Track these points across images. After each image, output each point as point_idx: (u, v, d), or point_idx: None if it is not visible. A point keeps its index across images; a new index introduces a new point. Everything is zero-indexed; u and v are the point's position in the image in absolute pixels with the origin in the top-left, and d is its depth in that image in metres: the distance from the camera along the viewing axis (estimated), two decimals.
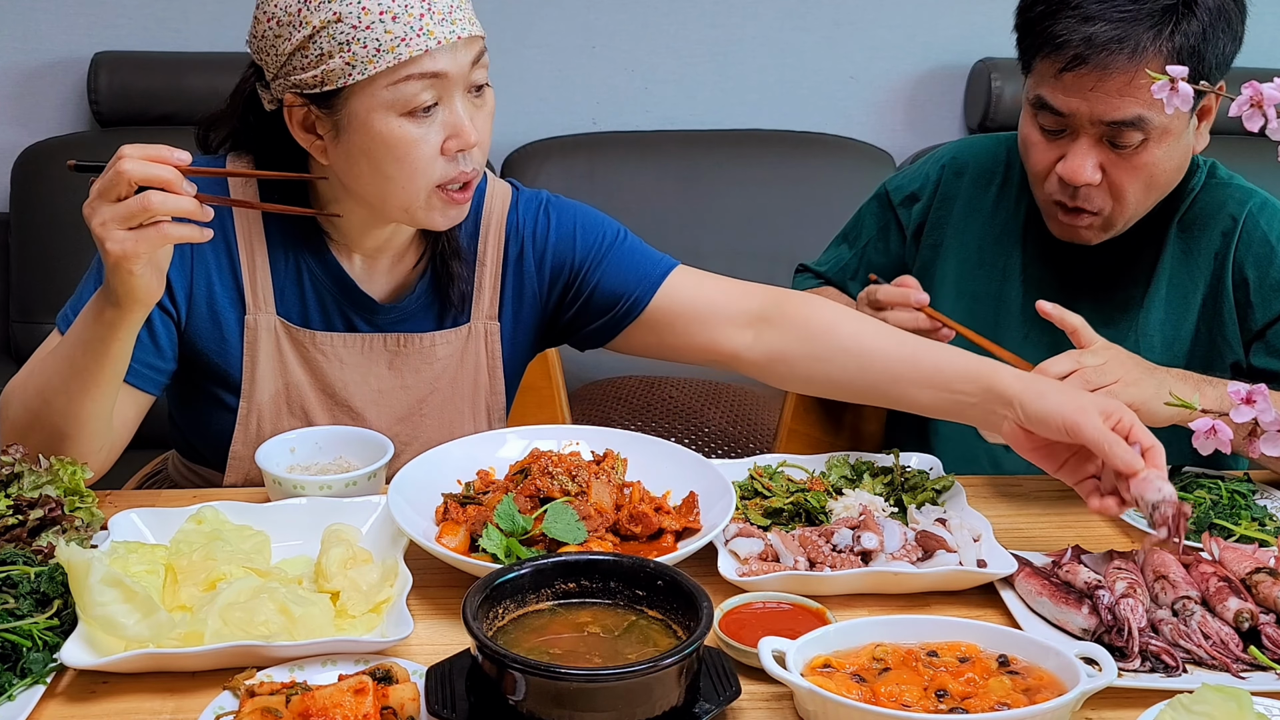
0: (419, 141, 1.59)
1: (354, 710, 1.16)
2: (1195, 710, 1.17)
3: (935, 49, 3.65)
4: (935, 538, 1.52)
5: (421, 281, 1.81)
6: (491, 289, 1.83)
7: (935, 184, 2.10)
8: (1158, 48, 1.72)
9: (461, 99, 1.61)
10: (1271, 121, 1.24)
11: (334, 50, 1.55)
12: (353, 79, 1.56)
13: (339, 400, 1.80)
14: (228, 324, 1.75)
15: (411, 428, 1.83)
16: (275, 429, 1.77)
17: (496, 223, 1.83)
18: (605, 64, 3.56)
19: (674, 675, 1.18)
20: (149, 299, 1.53)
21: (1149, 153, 1.79)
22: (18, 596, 1.35)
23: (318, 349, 1.78)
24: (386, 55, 1.55)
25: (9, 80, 3.41)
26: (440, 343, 1.82)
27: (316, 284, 1.77)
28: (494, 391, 1.87)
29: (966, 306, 2.04)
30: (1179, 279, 1.94)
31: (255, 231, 1.75)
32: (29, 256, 3.28)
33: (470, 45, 1.60)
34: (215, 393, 1.78)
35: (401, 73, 1.56)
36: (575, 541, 1.49)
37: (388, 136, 1.59)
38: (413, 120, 1.59)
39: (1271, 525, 1.65)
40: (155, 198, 1.44)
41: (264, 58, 1.63)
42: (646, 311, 1.81)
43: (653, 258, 1.85)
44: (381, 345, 1.80)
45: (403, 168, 1.60)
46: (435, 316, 1.82)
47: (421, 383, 1.82)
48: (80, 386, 1.59)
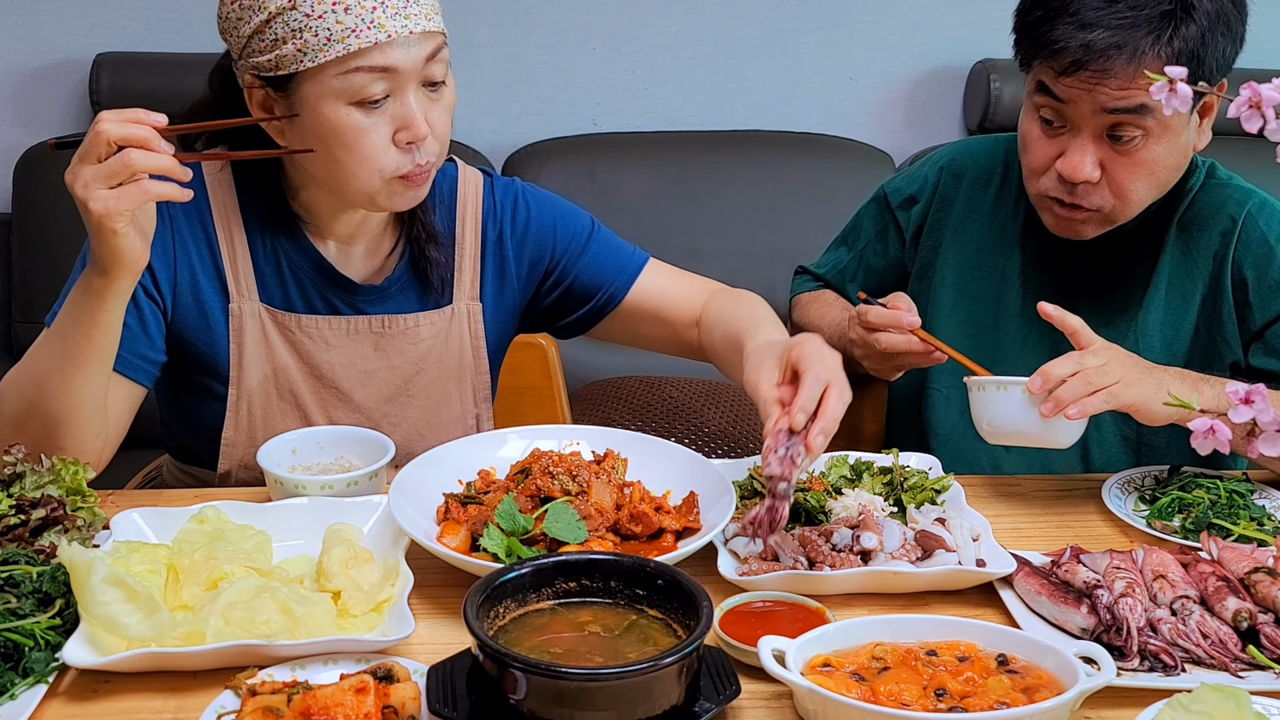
0: (367, 131, 1.62)
1: (355, 709, 1.16)
2: (1194, 710, 1.17)
3: (935, 49, 3.65)
4: (935, 537, 1.52)
5: (400, 265, 1.84)
6: (472, 271, 1.87)
7: (934, 186, 2.10)
8: (1156, 53, 1.72)
9: (415, 93, 1.64)
10: (1270, 123, 1.24)
11: (288, 36, 1.59)
12: (304, 65, 1.59)
13: (326, 382, 1.82)
14: (213, 313, 1.77)
15: (399, 408, 1.86)
16: (265, 414, 1.80)
17: (473, 207, 1.88)
18: (605, 64, 3.57)
19: (674, 674, 1.18)
20: (134, 264, 1.54)
21: (1149, 149, 1.79)
22: (20, 596, 1.35)
23: (303, 332, 1.80)
24: (336, 45, 1.58)
25: (11, 81, 3.42)
26: (424, 323, 1.85)
27: (295, 269, 1.80)
28: (479, 371, 1.90)
29: (966, 308, 2.04)
30: (1178, 279, 1.94)
31: (234, 221, 1.78)
32: (30, 256, 3.28)
33: (426, 41, 1.64)
34: (204, 383, 1.80)
35: (351, 64, 1.59)
36: (576, 541, 1.49)
37: (337, 124, 1.62)
38: (362, 110, 1.62)
39: (1270, 525, 1.65)
40: (134, 154, 1.47)
41: (228, 38, 1.67)
42: (623, 304, 1.91)
43: (626, 250, 1.93)
44: (366, 327, 1.82)
45: (352, 154, 1.63)
46: (417, 298, 1.86)
47: (407, 363, 1.85)
48: (73, 366, 1.60)
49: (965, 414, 2.04)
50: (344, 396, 1.83)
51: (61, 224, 3.21)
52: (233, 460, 1.82)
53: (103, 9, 3.39)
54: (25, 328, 3.28)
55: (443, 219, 1.86)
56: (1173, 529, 1.65)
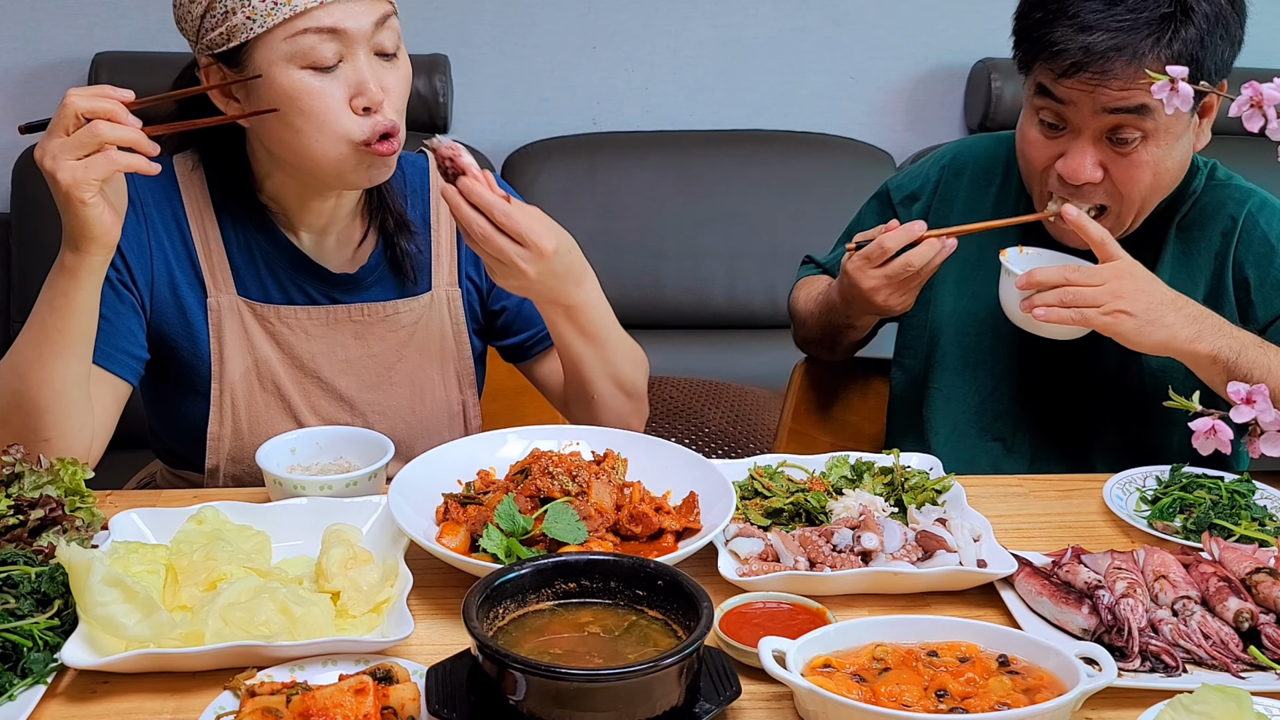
0: (320, 93, 1.64)
1: (354, 710, 1.16)
2: (1195, 710, 1.17)
3: (935, 49, 3.64)
4: (935, 538, 1.52)
5: (374, 254, 1.85)
6: (449, 257, 1.89)
7: (935, 184, 2.10)
8: (1156, 55, 1.72)
9: (367, 58, 1.66)
10: (1271, 122, 1.24)
11: (236, 6, 1.62)
12: (253, 33, 1.62)
13: (308, 372, 1.83)
14: (191, 309, 1.78)
15: (383, 395, 1.87)
16: (249, 407, 1.81)
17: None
18: (605, 64, 3.57)
19: (674, 675, 1.18)
20: (105, 236, 1.56)
21: (1148, 150, 1.79)
22: (18, 596, 1.35)
23: (282, 323, 1.82)
24: (283, 8, 1.61)
25: (9, 80, 3.41)
26: (404, 310, 1.86)
27: (271, 262, 1.81)
28: (461, 357, 1.91)
29: (967, 306, 2.04)
30: (1179, 280, 1.94)
31: (207, 217, 1.80)
32: (29, 256, 3.28)
33: (372, 6, 1.66)
34: (187, 380, 1.81)
35: (298, 25, 1.62)
36: (575, 541, 1.49)
37: (289, 88, 1.64)
38: (314, 74, 1.64)
39: (1271, 525, 1.65)
40: (102, 125, 1.51)
41: (184, 26, 1.70)
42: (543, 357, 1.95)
43: None
44: (346, 316, 1.84)
45: (309, 120, 1.65)
46: (394, 286, 1.87)
47: (388, 350, 1.86)
48: (52, 351, 1.61)
49: (965, 414, 2.04)
50: (326, 386, 1.84)
51: (60, 224, 3.20)
52: (219, 455, 1.83)
53: (102, 9, 3.38)
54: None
55: (416, 208, 1.88)
56: (1174, 529, 1.65)
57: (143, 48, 3.38)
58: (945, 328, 2.05)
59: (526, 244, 1.62)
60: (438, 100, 3.28)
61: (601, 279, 1.77)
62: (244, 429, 1.81)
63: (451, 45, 3.43)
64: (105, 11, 3.39)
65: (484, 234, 1.61)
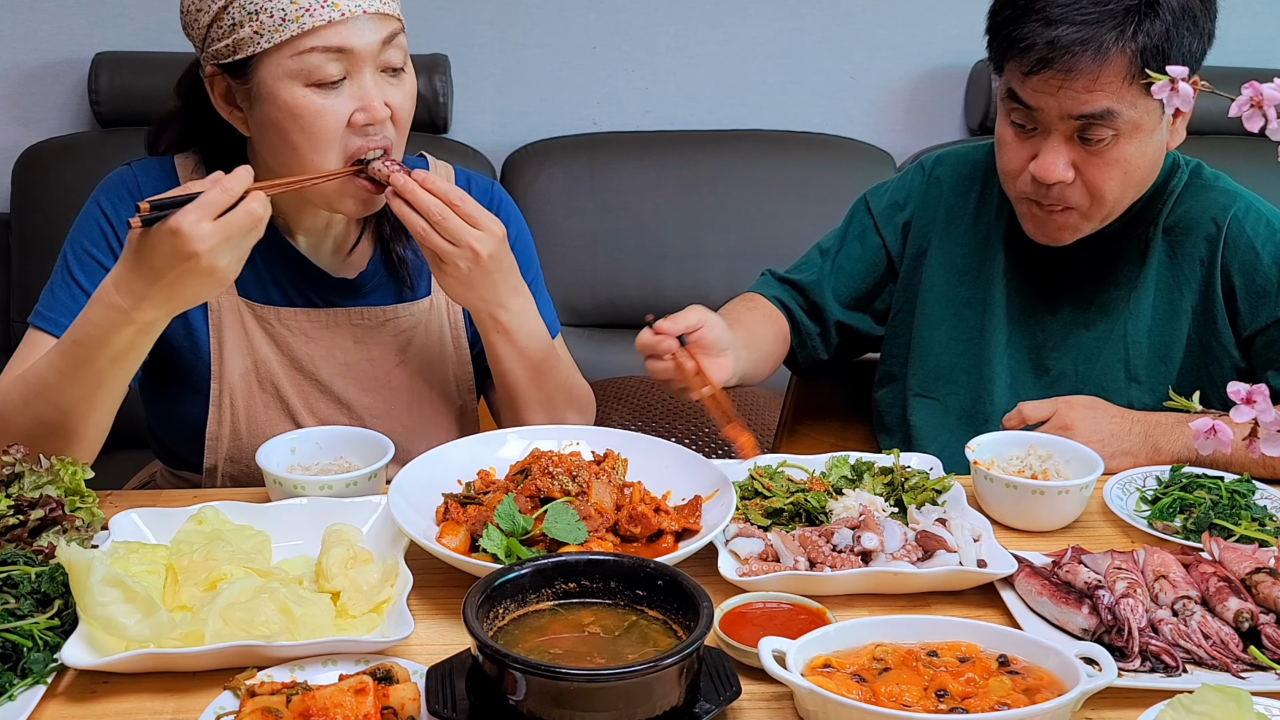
0: (323, 112, 1.64)
1: (354, 710, 1.16)
2: (1195, 710, 1.17)
3: (935, 49, 3.64)
4: (935, 538, 1.52)
5: (373, 260, 1.86)
6: None
7: (918, 193, 2.11)
8: (1121, 48, 1.73)
9: (372, 75, 1.66)
10: (1271, 122, 1.24)
11: (244, 19, 1.61)
12: (260, 47, 1.62)
13: (307, 374, 1.84)
14: (192, 310, 1.77)
15: (381, 399, 1.87)
16: (248, 407, 1.81)
17: None
18: (605, 64, 3.56)
19: (674, 675, 1.18)
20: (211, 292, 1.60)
21: (1120, 149, 1.80)
22: (18, 596, 1.35)
23: (282, 324, 1.82)
24: (291, 25, 1.60)
25: (9, 80, 3.41)
26: (403, 314, 1.86)
27: (272, 265, 1.81)
28: (459, 361, 1.92)
29: (956, 312, 2.05)
30: (1165, 286, 1.94)
31: None
32: (29, 256, 3.27)
33: (381, 24, 1.65)
34: (186, 380, 1.82)
35: (305, 43, 1.61)
36: (575, 542, 1.49)
37: (292, 106, 1.63)
38: (318, 91, 1.63)
39: (1271, 525, 1.65)
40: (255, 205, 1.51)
41: (190, 32, 1.70)
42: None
43: (548, 318, 1.89)
44: (345, 319, 1.84)
45: (308, 138, 1.64)
46: (394, 291, 1.87)
47: (387, 354, 1.86)
48: (107, 393, 1.62)
49: (948, 415, 2.05)
50: (324, 388, 1.84)
51: (61, 224, 3.18)
52: (218, 455, 1.83)
53: (101, 9, 3.38)
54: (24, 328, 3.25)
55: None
56: (1174, 529, 1.65)
57: (142, 48, 3.38)
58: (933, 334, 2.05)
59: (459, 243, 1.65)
60: (438, 100, 3.28)
61: (602, 279, 1.78)
62: (242, 429, 1.81)
63: (451, 45, 3.42)
64: (105, 11, 3.38)
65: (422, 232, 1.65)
